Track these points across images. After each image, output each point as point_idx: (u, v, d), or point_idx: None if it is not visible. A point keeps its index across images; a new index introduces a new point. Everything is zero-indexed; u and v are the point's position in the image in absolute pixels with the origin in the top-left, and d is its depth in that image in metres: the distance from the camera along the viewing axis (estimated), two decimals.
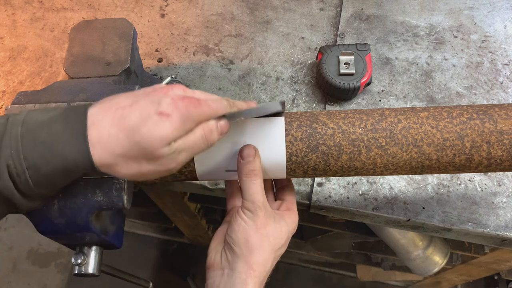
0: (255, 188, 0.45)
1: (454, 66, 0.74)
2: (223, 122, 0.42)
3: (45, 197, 0.42)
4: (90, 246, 0.52)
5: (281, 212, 0.49)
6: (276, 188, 0.54)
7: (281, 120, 0.46)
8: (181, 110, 0.37)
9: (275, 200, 0.53)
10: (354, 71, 0.67)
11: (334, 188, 0.64)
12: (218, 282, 0.44)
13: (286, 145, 0.46)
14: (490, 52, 0.75)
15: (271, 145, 0.46)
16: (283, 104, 0.45)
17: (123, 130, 0.36)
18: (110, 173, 0.38)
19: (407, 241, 0.98)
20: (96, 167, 0.37)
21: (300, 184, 0.65)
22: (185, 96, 0.39)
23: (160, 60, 0.77)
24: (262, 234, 0.45)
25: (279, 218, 0.48)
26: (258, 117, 0.47)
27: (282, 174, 0.48)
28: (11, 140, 0.36)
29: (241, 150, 0.45)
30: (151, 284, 0.72)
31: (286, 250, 0.48)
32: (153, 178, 0.40)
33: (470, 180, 0.64)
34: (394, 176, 0.64)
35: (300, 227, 1.28)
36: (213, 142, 0.41)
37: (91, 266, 0.52)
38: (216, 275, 0.45)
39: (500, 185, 0.63)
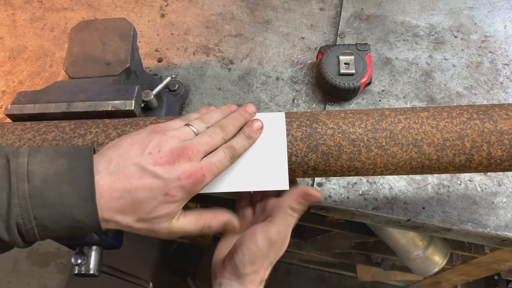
0: (292, 222, 0.47)
1: (454, 66, 0.74)
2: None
3: None
4: (90, 246, 0.52)
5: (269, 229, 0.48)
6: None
7: (282, 123, 0.46)
8: (186, 189, 0.40)
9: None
10: (354, 71, 0.67)
11: (334, 188, 0.64)
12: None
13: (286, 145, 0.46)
14: (490, 52, 0.75)
15: (271, 145, 0.46)
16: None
17: (131, 206, 0.39)
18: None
19: (407, 241, 0.98)
20: (101, 228, 0.39)
21: (300, 184, 0.65)
22: (191, 173, 0.40)
23: (160, 60, 0.77)
24: (269, 261, 0.46)
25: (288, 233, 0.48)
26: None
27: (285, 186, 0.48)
28: (19, 199, 0.36)
29: (308, 191, 0.46)
30: (151, 284, 0.72)
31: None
32: None
33: (470, 180, 0.64)
34: (394, 176, 0.64)
35: (300, 227, 1.29)
36: None
37: (91, 266, 0.52)
38: (216, 283, 0.47)
39: (500, 185, 0.63)
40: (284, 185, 0.45)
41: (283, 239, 0.46)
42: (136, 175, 0.39)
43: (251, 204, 0.54)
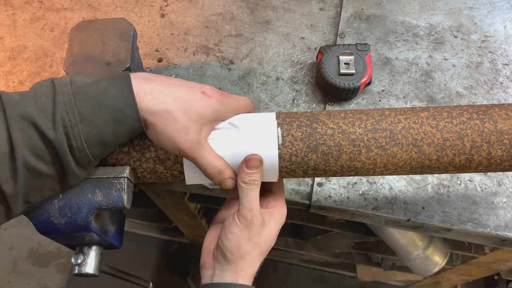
0: (254, 196, 0.46)
1: (454, 66, 0.74)
2: None
3: (90, 166, 0.44)
4: (90, 246, 0.52)
5: (271, 210, 0.50)
6: None
7: (273, 122, 0.46)
8: (217, 96, 0.45)
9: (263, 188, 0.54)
10: (354, 71, 0.67)
11: (334, 188, 0.64)
12: (209, 280, 0.47)
13: (278, 147, 0.46)
14: (490, 52, 0.75)
15: (262, 147, 0.46)
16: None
17: (172, 93, 0.43)
18: (147, 124, 0.42)
19: (407, 241, 0.98)
20: (141, 119, 0.41)
21: (300, 184, 0.65)
22: (216, 89, 0.47)
23: (160, 60, 0.77)
24: (254, 242, 0.47)
25: (269, 218, 0.49)
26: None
27: (274, 178, 0.48)
28: (63, 97, 0.39)
29: (247, 160, 0.45)
30: (151, 284, 0.72)
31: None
32: (172, 150, 0.44)
33: (470, 180, 0.64)
34: (394, 176, 0.64)
35: (300, 227, 1.29)
36: None
37: (91, 266, 0.52)
38: (208, 274, 0.48)
39: (500, 185, 0.63)
40: (274, 177, 0.48)
41: (258, 216, 0.47)
42: (175, 80, 0.45)
43: None
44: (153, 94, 0.41)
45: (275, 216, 0.50)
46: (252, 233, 0.47)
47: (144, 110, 0.41)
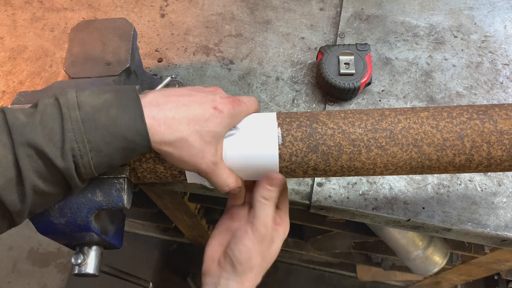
0: (270, 212, 0.47)
1: (454, 66, 0.74)
2: None
3: (91, 179, 0.44)
4: (90, 246, 0.52)
5: (276, 227, 0.51)
6: None
7: (274, 129, 0.46)
8: (229, 108, 0.44)
9: None
10: (354, 71, 0.67)
11: (334, 188, 0.64)
12: None
13: (279, 148, 0.46)
14: (490, 52, 0.75)
15: (263, 148, 0.46)
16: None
17: (185, 117, 0.42)
18: (162, 152, 0.43)
19: (407, 241, 0.98)
20: (151, 146, 0.41)
21: (300, 184, 0.65)
22: (228, 96, 0.46)
23: (160, 60, 0.77)
24: (263, 256, 0.48)
25: (276, 235, 0.50)
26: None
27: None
28: (72, 124, 0.38)
29: (271, 178, 0.46)
30: (151, 284, 0.72)
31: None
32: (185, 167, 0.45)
33: (470, 180, 0.64)
34: (394, 176, 0.64)
35: (300, 227, 1.29)
36: None
37: (91, 266, 0.52)
38: (211, 281, 0.48)
39: (500, 185, 0.63)
40: None
41: (271, 232, 0.48)
42: (185, 97, 0.44)
43: (244, 203, 0.56)
44: (167, 123, 0.41)
45: (280, 234, 0.51)
46: (263, 247, 0.47)
47: (159, 141, 0.41)
